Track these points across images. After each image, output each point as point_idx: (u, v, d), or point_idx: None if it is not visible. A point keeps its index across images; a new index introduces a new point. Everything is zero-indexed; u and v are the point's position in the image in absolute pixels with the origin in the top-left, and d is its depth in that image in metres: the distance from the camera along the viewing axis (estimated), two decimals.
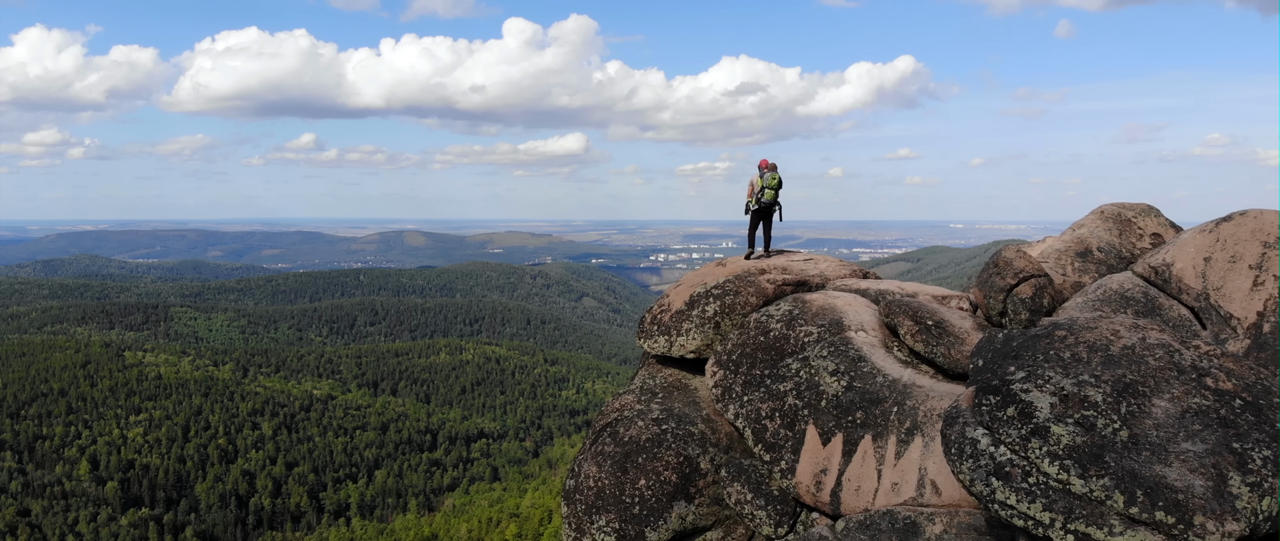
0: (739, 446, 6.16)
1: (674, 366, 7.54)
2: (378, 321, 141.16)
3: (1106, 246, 6.73)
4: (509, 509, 62.51)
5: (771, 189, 9.44)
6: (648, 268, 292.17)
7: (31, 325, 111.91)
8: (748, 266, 8.42)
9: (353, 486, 71.07)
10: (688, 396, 6.83)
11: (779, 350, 6.42)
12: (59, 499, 61.13)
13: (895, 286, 7.65)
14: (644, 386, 7.16)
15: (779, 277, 7.87)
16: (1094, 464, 3.52)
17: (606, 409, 6.97)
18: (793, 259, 9.13)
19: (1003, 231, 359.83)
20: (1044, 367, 4.04)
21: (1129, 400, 3.77)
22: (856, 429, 5.35)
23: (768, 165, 9.63)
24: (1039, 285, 6.03)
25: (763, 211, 9.50)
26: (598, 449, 6.20)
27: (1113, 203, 7.27)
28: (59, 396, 74.38)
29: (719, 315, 7.35)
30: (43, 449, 67.03)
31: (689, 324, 7.36)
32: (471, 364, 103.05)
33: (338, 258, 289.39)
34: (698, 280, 8.18)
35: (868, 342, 6.18)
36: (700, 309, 7.46)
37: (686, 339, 7.26)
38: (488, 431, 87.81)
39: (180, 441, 70.91)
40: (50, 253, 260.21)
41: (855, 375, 5.70)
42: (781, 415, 5.80)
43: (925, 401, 5.20)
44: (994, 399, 4.00)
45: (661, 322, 7.72)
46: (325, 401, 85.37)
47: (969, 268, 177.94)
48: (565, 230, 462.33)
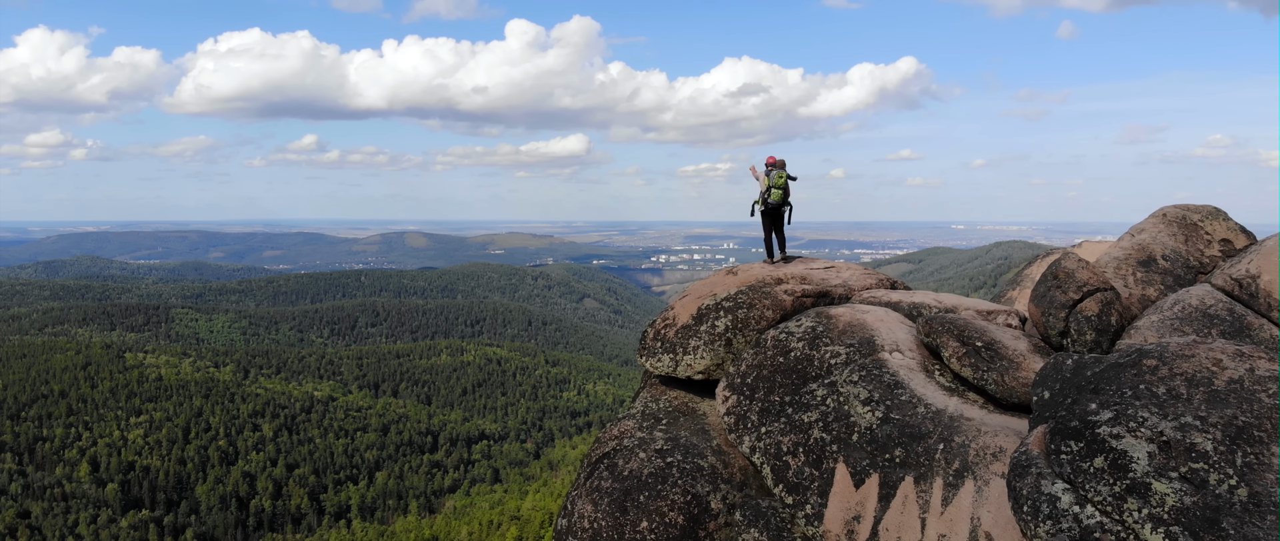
0: (755, 483, 5.33)
1: (680, 388, 6.76)
2: (379, 322, 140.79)
3: (1172, 254, 5.97)
4: (510, 511, 62.03)
5: (779, 188, 8.67)
6: (649, 269, 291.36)
7: (32, 326, 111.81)
8: (762, 275, 7.59)
9: (354, 488, 70.62)
10: (696, 423, 6.01)
11: (801, 373, 5.62)
12: (59, 500, 60.81)
13: (931, 299, 6.77)
14: (646, 411, 6.33)
15: (798, 289, 7.06)
16: (1209, 531, 2.84)
17: (604, 436, 6.19)
18: (812, 266, 8.30)
19: (1004, 232, 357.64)
20: (1135, 406, 3.32)
21: (1245, 449, 3.07)
22: (895, 469, 4.57)
23: (774, 162, 8.81)
24: (1106, 301, 5.20)
25: (772, 213, 8.75)
26: (594, 484, 5.39)
27: (1174, 204, 6.42)
28: (59, 398, 74.10)
29: (731, 331, 6.57)
30: (43, 450, 66.74)
31: (697, 341, 6.61)
32: (473, 365, 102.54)
33: (339, 259, 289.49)
34: (706, 290, 7.33)
35: (905, 365, 5.35)
36: (709, 324, 6.70)
37: (694, 358, 6.52)
38: (489, 433, 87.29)
39: (181, 443, 70.56)
40: (52, 254, 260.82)
41: (892, 404, 4.91)
42: (806, 450, 5.02)
43: (977, 437, 4.43)
44: (1075, 445, 3.29)
45: (666, 339, 6.92)
46: (326, 403, 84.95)
47: (970, 269, 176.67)
48: (566, 231, 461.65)
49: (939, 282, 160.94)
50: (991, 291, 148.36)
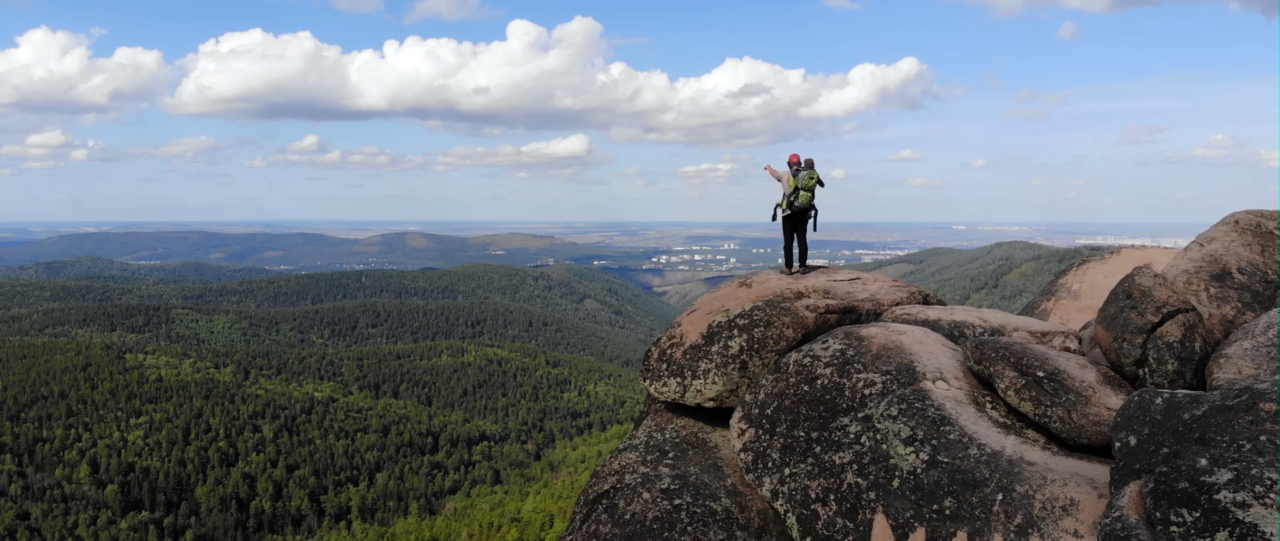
0: (776, 531, 4.64)
1: (689, 416, 6.04)
2: (379, 323, 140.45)
3: (1248, 267, 5.25)
4: (510, 513, 61.61)
5: (807, 190, 7.77)
6: (650, 269, 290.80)
7: (33, 327, 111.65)
8: (779, 288, 6.81)
9: (354, 489, 70.22)
10: (707, 457, 5.31)
11: (830, 404, 4.90)
12: (59, 502, 60.51)
13: (974, 317, 6.01)
14: (650, 442, 5.65)
15: (821, 304, 6.34)
16: None
17: (603, 470, 5.46)
18: (835, 278, 7.48)
19: (1005, 232, 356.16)
20: (1259, 464, 2.67)
21: None
22: (946, 522, 3.86)
23: (799, 161, 7.93)
24: (1189, 324, 4.42)
25: (797, 217, 7.85)
26: (591, 530, 4.63)
27: (1246, 211, 5.62)
28: (59, 399, 73.81)
29: (746, 353, 5.85)
30: (43, 451, 66.45)
31: (707, 363, 5.89)
32: (473, 366, 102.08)
33: (340, 259, 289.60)
34: (717, 305, 6.59)
35: (952, 397, 4.62)
36: (721, 344, 5.97)
37: (705, 383, 5.81)
38: (489, 434, 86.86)
39: (181, 444, 70.22)
40: (52, 254, 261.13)
41: (939, 445, 4.20)
42: (838, 497, 4.32)
43: (1043, 486, 3.75)
44: (1189, 514, 2.65)
45: (672, 361, 6.18)
46: (326, 404, 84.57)
47: (971, 269, 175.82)
48: (567, 232, 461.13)
49: (940, 283, 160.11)
50: (993, 292, 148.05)
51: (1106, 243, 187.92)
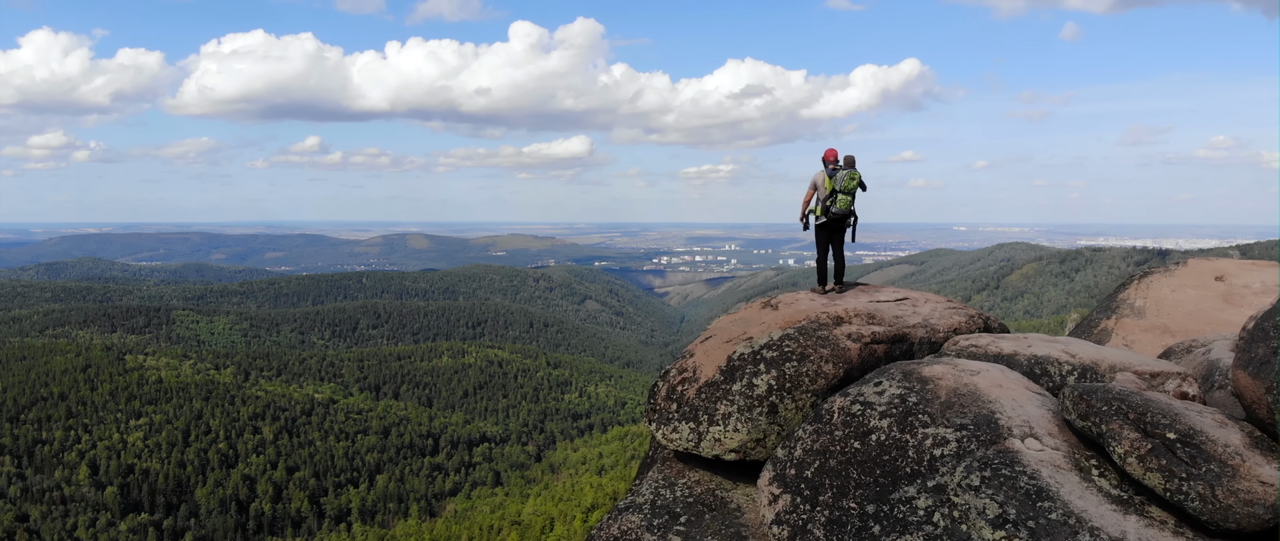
0: None
1: (704, 468, 4.97)
2: (380, 324, 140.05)
3: None
4: (510, 516, 61.03)
5: (847, 193, 6.48)
6: (651, 270, 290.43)
7: (33, 328, 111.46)
8: (812, 310, 5.64)
9: (354, 491, 69.73)
10: (728, 525, 4.28)
11: (890, 468, 3.83)
12: (58, 504, 60.13)
13: (1057, 350, 4.72)
14: (658, 502, 4.58)
15: (865, 332, 5.17)
16: None
17: (599, 536, 4.41)
18: (878, 297, 6.27)
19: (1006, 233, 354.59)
20: None
21: None
22: None
23: (836, 158, 6.64)
24: None
25: (833, 225, 6.68)
26: None
27: None
28: (59, 400, 73.45)
29: (776, 393, 4.77)
30: (42, 453, 66.07)
31: (728, 406, 4.81)
32: (474, 367, 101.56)
33: (341, 260, 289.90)
34: (737, 331, 5.49)
35: (1048, 462, 3.56)
36: (745, 382, 4.89)
37: (724, 431, 4.75)
38: (490, 435, 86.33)
39: (180, 446, 69.80)
40: (53, 255, 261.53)
41: (1039, 528, 3.17)
42: None
43: None
44: None
45: (685, 401, 5.08)
46: (327, 405, 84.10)
47: (973, 270, 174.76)
48: (568, 233, 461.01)
49: (941, 285, 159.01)
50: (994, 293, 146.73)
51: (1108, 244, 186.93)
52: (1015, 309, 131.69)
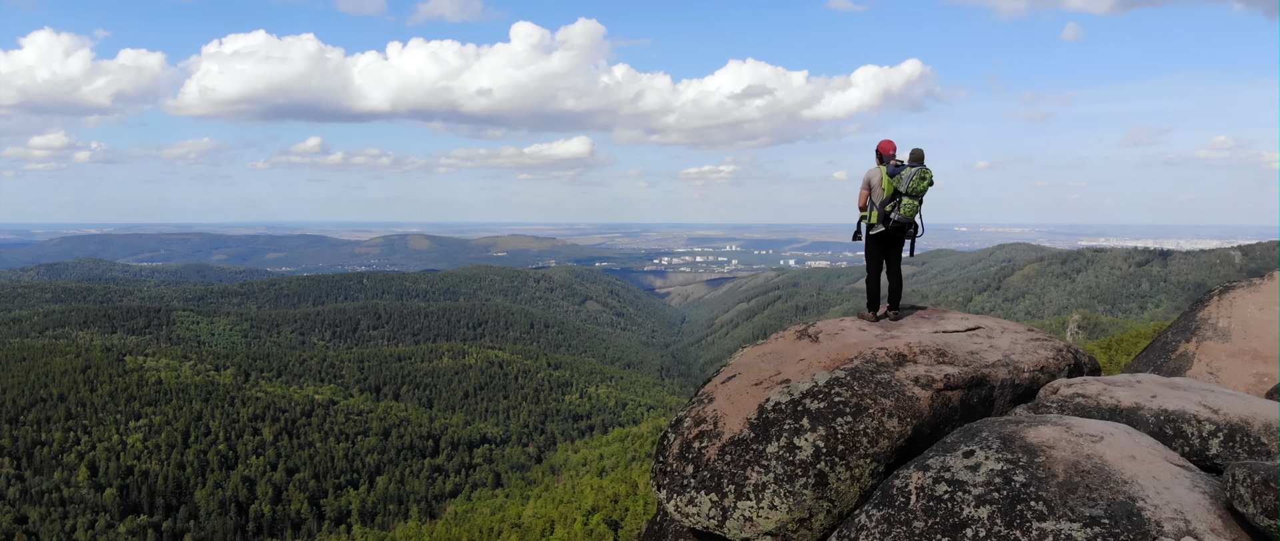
0: None
1: None
2: (381, 325, 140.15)
3: None
4: (510, 518, 60.91)
5: (914, 196, 5.03)
6: (652, 271, 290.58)
7: (33, 329, 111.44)
8: (864, 345, 4.31)
9: (354, 493, 69.70)
10: None
11: None
12: (57, 505, 60.02)
13: (1193, 403, 3.56)
14: None
15: (935, 374, 3.94)
16: None
17: None
18: (942, 326, 4.79)
19: (1007, 234, 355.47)
20: None
21: None
22: None
23: (894, 151, 5.09)
24: None
25: (891, 235, 5.18)
26: None
27: None
28: (58, 401, 73.44)
29: (826, 458, 3.59)
30: (41, 455, 66.01)
31: (762, 474, 3.62)
32: (474, 368, 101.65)
33: (341, 261, 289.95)
34: (767, 368, 4.23)
35: None
36: (784, 441, 3.70)
37: (758, 508, 3.53)
38: (490, 436, 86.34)
39: (180, 447, 69.78)
40: (54, 256, 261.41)
41: None
42: None
43: None
44: None
45: (704, 462, 3.85)
46: (327, 406, 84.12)
47: (974, 271, 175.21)
48: (569, 233, 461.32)
49: (942, 285, 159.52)
50: (995, 294, 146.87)
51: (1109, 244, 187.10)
52: (1016, 310, 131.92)
